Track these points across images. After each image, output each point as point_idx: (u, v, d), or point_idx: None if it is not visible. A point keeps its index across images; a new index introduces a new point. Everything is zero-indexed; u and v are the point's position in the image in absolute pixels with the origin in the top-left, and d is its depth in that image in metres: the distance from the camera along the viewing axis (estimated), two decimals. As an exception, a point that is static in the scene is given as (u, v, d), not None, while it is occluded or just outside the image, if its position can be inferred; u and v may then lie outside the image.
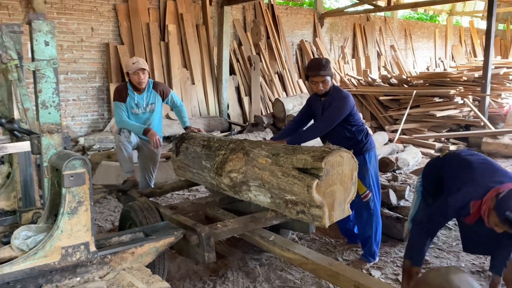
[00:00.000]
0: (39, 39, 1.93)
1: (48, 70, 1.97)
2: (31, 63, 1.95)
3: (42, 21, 1.92)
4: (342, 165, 2.55)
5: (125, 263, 2.12)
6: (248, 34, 10.05)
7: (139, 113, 4.00)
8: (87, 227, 1.96)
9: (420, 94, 9.19)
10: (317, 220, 2.54)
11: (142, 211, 2.95)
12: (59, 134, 2.03)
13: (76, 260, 1.96)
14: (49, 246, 1.89)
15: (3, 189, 2.64)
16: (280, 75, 10.36)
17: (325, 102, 3.25)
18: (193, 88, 8.84)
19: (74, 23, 7.63)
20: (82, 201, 1.94)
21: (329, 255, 3.70)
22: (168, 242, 2.36)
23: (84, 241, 1.96)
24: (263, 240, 2.77)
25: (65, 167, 1.88)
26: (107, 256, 2.08)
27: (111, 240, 2.28)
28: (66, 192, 1.91)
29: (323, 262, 2.46)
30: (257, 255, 3.63)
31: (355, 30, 12.65)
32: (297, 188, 2.57)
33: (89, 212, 1.96)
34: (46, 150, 2.01)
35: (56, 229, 1.90)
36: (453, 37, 16.21)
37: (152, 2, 8.52)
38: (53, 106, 2.01)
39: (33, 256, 1.86)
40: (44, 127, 1.99)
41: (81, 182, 1.92)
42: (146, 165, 4.22)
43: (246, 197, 3.04)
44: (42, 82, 1.97)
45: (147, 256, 2.22)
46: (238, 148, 3.13)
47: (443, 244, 4.00)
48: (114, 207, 5.06)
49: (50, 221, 2.04)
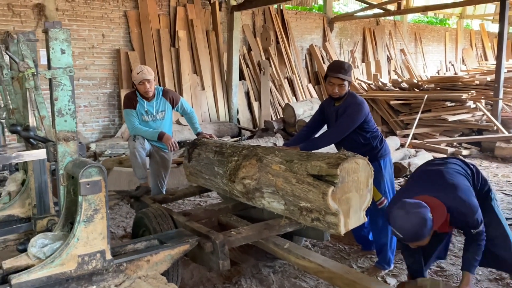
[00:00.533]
0: (55, 47, 1.94)
1: (64, 78, 1.97)
2: (47, 71, 1.95)
3: (59, 29, 1.93)
4: (358, 172, 2.52)
5: (141, 271, 2.11)
6: (257, 39, 10.06)
7: (149, 120, 4.00)
8: (103, 235, 1.95)
9: (431, 98, 9.10)
10: (333, 227, 2.51)
11: (156, 218, 2.93)
12: (75, 141, 2.02)
13: (92, 268, 1.95)
14: (66, 254, 1.88)
15: (18, 196, 2.64)
16: (289, 80, 10.34)
17: (339, 108, 3.22)
18: (203, 94, 8.86)
19: (85, 30, 7.70)
20: (98, 209, 1.94)
21: (343, 262, 3.65)
22: (183, 250, 2.34)
23: (100, 249, 1.95)
24: (278, 247, 2.74)
25: (82, 175, 1.87)
26: (123, 264, 2.07)
27: (126, 248, 2.27)
28: (83, 200, 1.90)
29: (340, 271, 2.42)
30: (271, 262, 3.59)
31: (365, 34, 12.61)
32: (312, 195, 2.54)
33: (105, 220, 1.95)
34: (62, 158, 2.01)
35: (73, 237, 1.90)
36: (464, 41, 16.08)
37: (162, 8, 8.57)
38: (69, 114, 2.01)
39: (50, 264, 1.86)
40: (60, 135, 1.99)
41: (98, 190, 1.91)
42: (158, 171, 4.22)
43: (260, 204, 3.01)
44: (58, 90, 1.97)
45: (162, 264, 2.21)
46: (251, 154, 3.11)
47: (459, 251, 3.92)
48: (126, 213, 5.06)
49: (66, 228, 2.03)
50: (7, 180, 2.80)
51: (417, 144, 8.34)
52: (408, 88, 10.46)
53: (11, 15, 6.94)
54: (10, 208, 2.61)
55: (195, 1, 8.92)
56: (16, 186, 2.70)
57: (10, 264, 1.89)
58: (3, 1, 6.88)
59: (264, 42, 10.13)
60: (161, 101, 4.03)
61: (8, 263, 1.89)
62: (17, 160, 2.28)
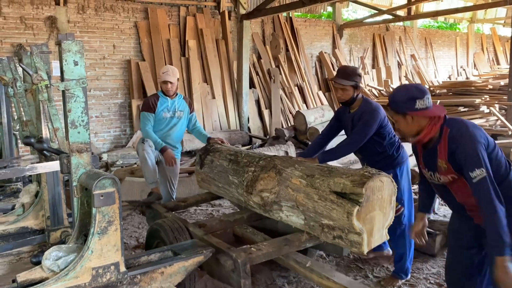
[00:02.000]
0: (68, 59, 1.93)
1: (77, 89, 1.97)
2: (60, 83, 1.95)
3: (72, 41, 1.93)
4: (382, 190, 2.46)
5: (155, 283, 2.08)
6: (267, 47, 10.07)
7: (168, 116, 4.14)
8: (117, 247, 1.93)
9: (444, 103, 8.98)
10: (356, 246, 2.44)
11: (173, 231, 2.88)
12: (88, 153, 2.01)
13: (106, 281, 1.92)
14: (80, 267, 1.86)
15: (32, 208, 2.64)
16: (300, 87, 10.32)
17: (354, 114, 3.18)
18: (214, 102, 8.87)
19: (96, 41, 7.77)
20: (112, 220, 1.92)
21: (359, 272, 3.59)
22: (197, 261, 2.31)
23: (114, 261, 1.93)
24: (299, 265, 2.64)
25: (95, 187, 1.86)
26: (137, 276, 2.04)
27: (140, 260, 2.24)
28: (96, 212, 1.88)
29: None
30: (285, 273, 3.54)
31: (375, 40, 12.56)
32: (336, 213, 2.47)
33: (119, 232, 1.93)
34: (75, 170, 2.00)
35: (87, 249, 1.88)
36: (475, 45, 15.92)
37: (172, 18, 8.62)
38: (82, 125, 2.01)
39: (64, 277, 1.84)
40: (73, 147, 1.99)
41: (111, 201, 1.89)
42: (167, 177, 4.29)
43: (277, 217, 2.94)
44: (71, 102, 1.97)
45: (176, 275, 2.18)
46: (269, 166, 3.03)
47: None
48: (138, 223, 5.05)
49: (80, 241, 2.01)
50: (21, 192, 2.80)
51: (431, 150, 8.21)
52: (419, 93, 10.35)
53: (23, 28, 7.03)
54: (24, 220, 2.61)
55: (204, 11, 8.97)
56: (30, 198, 2.70)
57: (24, 277, 1.88)
58: (16, 14, 6.98)
59: (274, 50, 10.14)
60: (182, 102, 4.24)
61: (22, 276, 1.88)
62: (31, 172, 2.28)
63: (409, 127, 2.22)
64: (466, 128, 2.11)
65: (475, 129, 2.11)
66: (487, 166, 2.01)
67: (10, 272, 2.36)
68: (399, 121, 2.23)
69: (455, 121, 2.18)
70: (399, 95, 2.23)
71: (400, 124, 2.24)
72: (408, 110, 2.16)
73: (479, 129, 2.13)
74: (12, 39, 6.91)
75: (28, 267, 2.09)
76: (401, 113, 2.20)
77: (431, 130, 2.17)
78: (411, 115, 2.17)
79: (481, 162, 2.01)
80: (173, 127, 4.17)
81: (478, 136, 2.07)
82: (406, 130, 2.25)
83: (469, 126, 2.12)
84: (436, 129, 2.17)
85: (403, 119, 2.21)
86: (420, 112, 2.15)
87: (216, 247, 2.61)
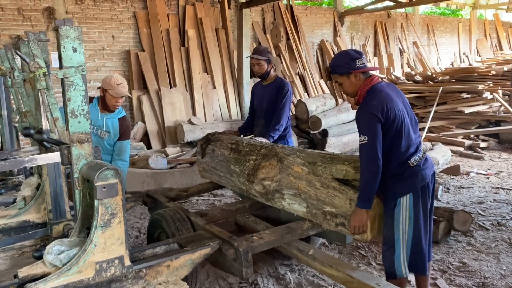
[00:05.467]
0: (66, 45, 1.86)
1: (77, 77, 1.90)
2: (59, 70, 1.88)
3: (70, 27, 1.85)
4: None
5: (161, 277, 2.02)
6: (267, 36, 9.95)
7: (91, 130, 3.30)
8: (121, 240, 1.87)
9: (446, 90, 8.91)
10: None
11: (174, 222, 2.86)
12: (89, 143, 1.95)
13: (110, 275, 1.87)
14: (83, 261, 1.81)
15: (33, 201, 2.58)
16: (301, 76, 10.22)
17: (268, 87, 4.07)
18: (214, 92, 8.78)
19: (95, 32, 7.67)
20: (115, 213, 1.86)
21: (362, 260, 3.58)
22: (204, 254, 2.25)
23: (119, 255, 1.87)
24: (302, 253, 2.61)
25: (97, 178, 1.79)
26: (142, 270, 1.99)
27: (145, 253, 2.19)
28: (99, 204, 1.82)
29: (371, 282, 2.26)
30: (287, 261, 3.52)
31: (376, 27, 12.41)
32: (338, 200, 2.47)
33: (123, 225, 1.87)
34: (76, 161, 1.94)
35: (90, 243, 1.82)
36: (478, 31, 15.74)
37: (171, 8, 8.50)
38: (83, 115, 1.94)
39: (67, 272, 1.78)
40: (74, 137, 1.92)
41: (114, 193, 1.83)
42: None
43: (279, 205, 2.93)
44: (71, 90, 1.90)
45: (182, 268, 2.12)
46: (270, 154, 3.02)
47: (481, 245, 3.82)
48: (140, 214, 5.01)
49: (83, 234, 1.96)
50: (22, 184, 2.74)
51: (433, 137, 8.17)
52: (422, 81, 10.27)
53: (21, 19, 6.93)
54: (26, 214, 2.55)
55: (204, 0, 8.84)
56: (31, 191, 2.64)
57: (26, 272, 1.82)
58: (14, 6, 6.88)
59: (274, 39, 10.02)
60: (114, 124, 3.43)
61: (24, 272, 1.83)
62: (31, 164, 2.21)
63: (353, 86, 2.50)
64: (369, 99, 2.41)
65: (376, 101, 2.37)
66: (371, 134, 2.31)
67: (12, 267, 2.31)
68: (344, 82, 2.51)
69: (373, 90, 2.44)
70: (341, 58, 2.53)
71: (345, 84, 2.52)
72: (351, 70, 2.46)
73: (381, 103, 2.36)
74: (10, 31, 6.82)
75: (31, 261, 2.05)
76: (345, 74, 2.49)
77: (362, 91, 2.46)
78: (354, 74, 2.46)
79: (366, 131, 2.33)
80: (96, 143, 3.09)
81: (374, 108, 2.34)
82: (350, 90, 2.52)
83: (373, 98, 2.39)
84: (365, 90, 2.45)
85: (347, 79, 2.49)
86: (361, 70, 2.46)
87: (218, 236, 2.59)
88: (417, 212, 2.43)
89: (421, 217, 2.45)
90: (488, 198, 5.17)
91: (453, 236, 3.99)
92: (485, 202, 5.02)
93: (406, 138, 2.41)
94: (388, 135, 2.37)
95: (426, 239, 2.52)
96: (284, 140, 3.91)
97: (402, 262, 2.45)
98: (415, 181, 2.42)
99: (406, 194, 2.40)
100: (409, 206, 2.41)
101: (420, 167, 2.44)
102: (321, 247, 3.80)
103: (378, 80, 2.51)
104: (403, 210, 2.42)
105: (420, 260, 2.49)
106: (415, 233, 2.44)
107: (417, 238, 2.45)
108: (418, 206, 2.42)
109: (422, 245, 2.47)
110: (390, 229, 2.44)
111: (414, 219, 2.43)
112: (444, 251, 3.72)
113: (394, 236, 2.43)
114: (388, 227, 2.45)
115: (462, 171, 6.42)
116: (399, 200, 2.40)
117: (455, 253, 3.70)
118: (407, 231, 2.44)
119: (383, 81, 2.57)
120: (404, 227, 2.43)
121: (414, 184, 2.41)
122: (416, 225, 2.44)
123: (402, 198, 2.40)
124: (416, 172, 2.42)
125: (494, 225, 4.28)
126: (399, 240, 2.43)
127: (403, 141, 2.40)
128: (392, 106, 2.37)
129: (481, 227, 4.22)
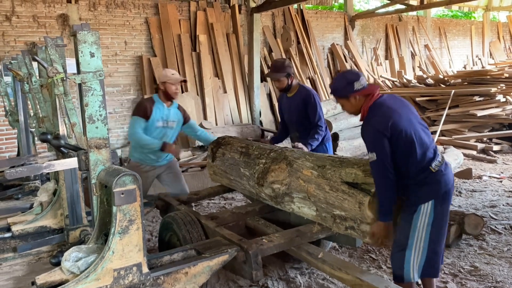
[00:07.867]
0: (84, 50, 1.87)
1: (95, 82, 1.90)
2: (77, 75, 1.88)
3: (87, 32, 1.85)
4: None
5: (179, 284, 2.00)
6: (278, 40, 9.94)
7: (160, 126, 3.80)
8: (139, 247, 1.86)
9: (458, 93, 8.80)
10: (368, 236, 2.42)
11: (185, 225, 2.86)
12: (107, 149, 1.94)
13: (128, 283, 1.85)
14: (101, 269, 1.79)
15: (50, 206, 2.59)
16: (312, 80, 10.18)
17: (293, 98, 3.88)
18: (225, 97, 8.79)
19: (108, 38, 7.74)
20: (133, 219, 1.84)
21: (372, 264, 3.55)
22: (222, 261, 2.23)
23: (137, 262, 1.86)
24: (311, 256, 2.60)
25: (115, 184, 1.78)
26: (160, 277, 1.97)
27: (162, 259, 2.17)
28: (117, 211, 1.81)
29: (379, 285, 2.24)
30: (297, 264, 3.52)
31: (387, 31, 12.33)
32: (348, 204, 2.45)
33: (141, 231, 1.86)
34: (94, 167, 1.93)
35: (107, 250, 1.81)
36: (491, 34, 15.55)
37: (182, 13, 8.55)
38: (100, 120, 1.93)
39: (85, 280, 1.77)
40: (91, 142, 1.91)
41: (132, 199, 1.82)
42: (175, 185, 4.08)
43: (289, 208, 2.93)
44: (88, 95, 1.90)
45: (200, 276, 2.10)
46: (280, 157, 3.03)
47: (493, 249, 3.76)
48: (152, 217, 5.02)
49: (100, 241, 1.95)
50: (39, 190, 2.75)
51: (445, 141, 8.07)
52: (434, 84, 10.16)
53: (36, 26, 7.03)
54: (43, 219, 2.56)
55: (214, 5, 8.87)
56: (48, 197, 2.65)
57: (44, 279, 1.82)
58: (29, 13, 6.98)
59: (285, 43, 10.00)
60: (177, 112, 3.99)
61: (41, 279, 1.82)
62: (48, 170, 2.21)
63: (354, 107, 2.55)
64: (372, 115, 2.44)
65: (379, 117, 2.40)
66: (378, 151, 2.32)
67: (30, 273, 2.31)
68: (345, 104, 2.57)
69: (374, 106, 2.46)
70: (339, 82, 2.59)
71: (346, 106, 2.58)
72: (348, 93, 2.50)
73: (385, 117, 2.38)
74: (25, 38, 6.93)
75: (48, 267, 2.05)
76: (344, 97, 2.54)
77: (365, 109, 2.48)
78: (353, 96, 2.50)
79: (372, 147, 2.35)
80: (163, 137, 3.83)
81: (378, 124, 2.37)
82: (352, 110, 2.58)
83: (375, 114, 2.42)
84: (367, 108, 2.48)
85: (348, 102, 2.54)
86: (359, 92, 2.49)
87: (228, 239, 2.59)
88: (437, 218, 2.39)
89: (440, 223, 2.41)
90: (501, 201, 5.08)
91: (465, 239, 3.94)
92: (497, 205, 4.94)
93: (419, 145, 2.39)
94: (399, 146, 2.36)
95: (442, 245, 2.49)
96: (322, 145, 3.80)
97: (411, 268, 2.42)
98: (438, 187, 2.39)
99: (429, 201, 2.36)
100: (430, 212, 2.37)
101: (442, 172, 2.41)
102: (331, 250, 3.78)
103: (379, 95, 2.53)
104: (423, 216, 2.38)
105: (434, 265, 2.46)
106: (431, 239, 2.41)
107: (434, 243, 2.42)
108: (439, 213, 2.38)
109: (437, 251, 2.43)
110: (405, 233, 2.42)
111: (432, 225, 2.39)
112: (456, 255, 3.67)
113: (407, 241, 2.41)
114: (403, 231, 2.43)
115: (475, 174, 6.32)
116: (420, 206, 2.36)
117: (467, 257, 3.65)
118: (423, 237, 2.41)
119: (384, 95, 2.58)
120: (420, 233, 2.40)
121: (437, 190, 2.39)
122: (434, 231, 2.41)
123: (423, 205, 2.37)
124: (439, 178, 2.40)
125: (506, 229, 4.21)
126: (412, 245, 2.40)
127: (417, 148, 2.38)
128: (396, 118, 2.38)
129: (493, 231, 4.16)
